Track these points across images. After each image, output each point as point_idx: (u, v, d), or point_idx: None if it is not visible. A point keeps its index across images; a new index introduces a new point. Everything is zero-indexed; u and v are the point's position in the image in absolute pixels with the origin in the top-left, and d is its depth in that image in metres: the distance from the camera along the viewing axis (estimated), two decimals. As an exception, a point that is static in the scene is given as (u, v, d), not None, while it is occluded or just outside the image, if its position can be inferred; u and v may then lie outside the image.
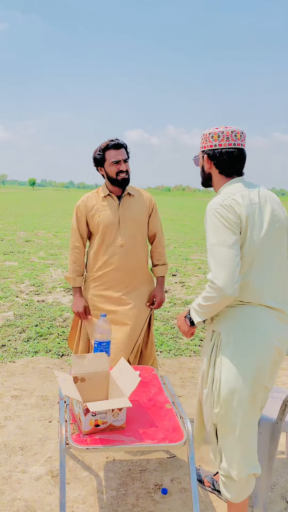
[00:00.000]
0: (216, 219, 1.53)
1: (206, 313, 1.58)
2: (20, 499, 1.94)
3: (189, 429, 1.63)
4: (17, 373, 3.24)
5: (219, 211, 1.53)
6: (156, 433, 1.61)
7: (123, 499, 1.97)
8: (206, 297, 1.53)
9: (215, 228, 1.52)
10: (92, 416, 1.56)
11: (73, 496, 1.98)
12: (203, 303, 1.55)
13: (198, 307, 1.59)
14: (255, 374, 1.57)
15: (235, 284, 1.47)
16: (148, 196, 2.49)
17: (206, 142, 1.64)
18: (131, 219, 2.38)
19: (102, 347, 1.99)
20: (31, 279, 6.37)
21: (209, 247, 1.53)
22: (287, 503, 2.01)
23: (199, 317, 1.60)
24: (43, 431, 2.48)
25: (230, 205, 1.53)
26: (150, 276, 2.54)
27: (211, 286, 1.50)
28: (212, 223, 1.54)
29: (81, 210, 2.41)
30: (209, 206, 1.57)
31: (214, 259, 1.50)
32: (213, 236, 1.52)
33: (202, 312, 1.59)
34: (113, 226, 2.35)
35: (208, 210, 1.57)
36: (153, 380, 2.05)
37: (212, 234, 1.53)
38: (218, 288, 1.47)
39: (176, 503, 1.97)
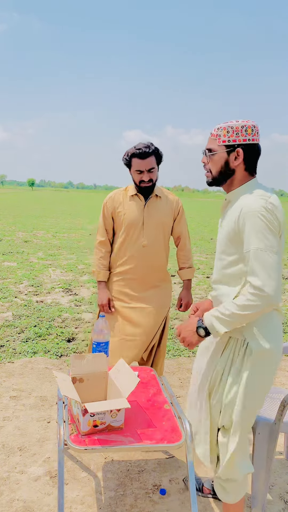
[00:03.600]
0: (262, 222, 1.42)
1: (238, 323, 1.47)
2: (19, 499, 1.94)
3: (188, 430, 1.63)
4: (15, 374, 3.24)
5: (264, 215, 1.42)
6: (154, 434, 1.61)
7: (121, 500, 1.97)
8: (246, 306, 1.41)
9: (261, 232, 1.42)
10: (91, 416, 1.56)
11: (72, 497, 1.98)
12: (240, 312, 1.42)
13: (229, 317, 1.45)
14: (272, 379, 1.59)
15: (280, 292, 1.44)
16: (175, 199, 2.51)
17: (238, 135, 1.49)
18: (155, 221, 2.41)
19: (101, 347, 1.99)
20: (30, 279, 6.37)
21: (254, 251, 1.41)
22: (285, 504, 2.01)
23: (226, 327, 1.47)
24: (41, 432, 2.48)
25: (272, 209, 1.45)
26: (168, 276, 2.60)
27: (257, 294, 1.39)
28: (256, 226, 1.42)
29: (108, 206, 2.45)
30: (249, 208, 1.44)
31: (262, 265, 1.40)
32: (259, 240, 1.41)
33: (232, 322, 1.46)
34: (136, 226, 2.39)
35: (249, 212, 1.44)
36: (152, 381, 2.05)
37: (257, 238, 1.42)
38: (268, 296, 1.38)
39: (174, 503, 1.97)
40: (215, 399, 1.64)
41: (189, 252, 2.61)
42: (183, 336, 1.65)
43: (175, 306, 2.27)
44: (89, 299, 5.45)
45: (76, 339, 4.06)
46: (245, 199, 1.49)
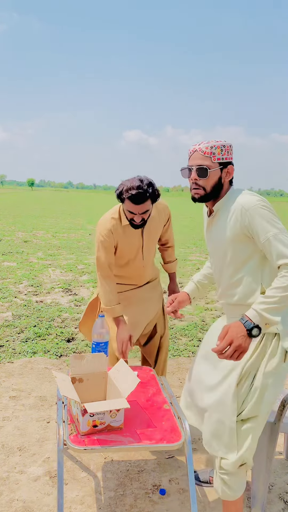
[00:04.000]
0: (268, 211, 1.53)
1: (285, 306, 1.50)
2: (18, 499, 1.94)
3: (187, 430, 1.63)
4: (15, 374, 3.24)
5: (266, 205, 1.54)
6: (154, 434, 1.61)
7: (121, 500, 1.97)
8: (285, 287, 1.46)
9: (272, 219, 1.52)
10: (90, 416, 1.56)
11: (71, 497, 1.98)
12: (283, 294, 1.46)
13: (277, 302, 1.47)
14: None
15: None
16: (163, 206, 2.37)
17: (228, 153, 1.62)
18: (152, 240, 2.38)
19: (100, 347, 1.99)
20: (29, 279, 6.37)
21: (274, 236, 1.50)
22: (285, 504, 2.01)
23: (278, 315, 1.49)
24: (41, 432, 2.48)
25: (264, 200, 1.56)
26: (157, 270, 2.65)
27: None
28: (265, 216, 1.52)
29: (109, 242, 2.24)
30: (250, 203, 1.54)
31: (285, 245, 1.50)
32: (273, 226, 1.52)
33: (281, 307, 1.49)
34: (137, 253, 2.34)
35: (252, 207, 1.53)
36: (151, 381, 2.05)
37: (271, 225, 1.51)
38: None
39: (174, 503, 1.97)
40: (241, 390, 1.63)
41: (173, 248, 2.66)
42: (237, 345, 1.49)
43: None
44: (88, 299, 5.45)
45: (76, 339, 4.06)
46: (239, 200, 1.57)
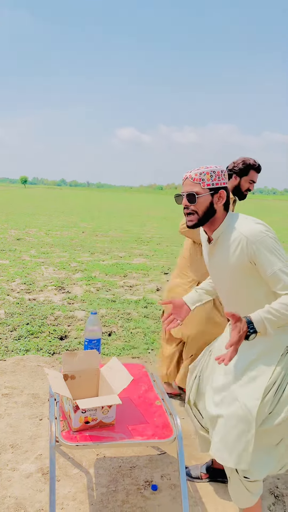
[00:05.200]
0: (272, 241, 1.56)
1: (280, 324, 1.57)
2: (10, 496, 1.94)
3: (179, 426, 1.64)
4: (7, 371, 3.23)
5: (269, 234, 1.57)
6: (145, 430, 1.62)
7: (113, 496, 1.99)
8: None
9: (276, 250, 1.55)
10: (82, 413, 1.57)
11: (63, 493, 1.98)
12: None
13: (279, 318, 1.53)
14: None
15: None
16: None
17: (219, 179, 1.63)
18: None
19: (92, 344, 2.00)
20: (22, 277, 6.35)
21: (280, 270, 1.54)
22: (275, 498, 2.04)
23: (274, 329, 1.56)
24: (33, 429, 2.48)
25: (268, 227, 1.60)
26: None
27: None
28: (270, 247, 1.55)
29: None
30: (255, 233, 1.56)
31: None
32: (278, 259, 1.55)
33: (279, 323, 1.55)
34: None
35: (256, 237, 1.55)
36: (143, 378, 2.06)
37: (276, 258, 1.55)
38: None
39: (166, 499, 1.99)
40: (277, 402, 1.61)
41: None
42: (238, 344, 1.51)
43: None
44: (81, 297, 5.45)
45: (69, 336, 4.06)
46: (243, 230, 1.58)
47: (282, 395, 1.60)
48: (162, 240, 11.74)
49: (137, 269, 7.42)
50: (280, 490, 2.10)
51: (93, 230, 13.50)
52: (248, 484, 1.64)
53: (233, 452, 1.58)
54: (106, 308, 5.06)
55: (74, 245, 9.86)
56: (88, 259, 8.16)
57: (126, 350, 3.80)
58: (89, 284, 6.20)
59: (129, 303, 5.30)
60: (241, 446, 1.57)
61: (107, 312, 4.88)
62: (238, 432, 1.58)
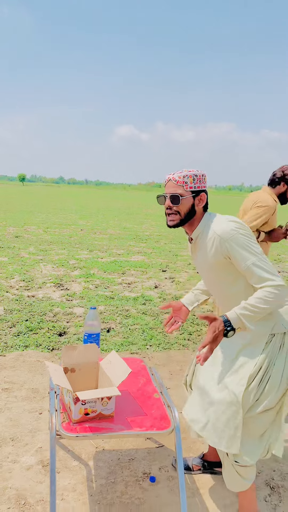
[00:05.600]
0: (244, 237, 1.63)
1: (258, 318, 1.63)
2: (11, 487, 1.98)
3: (177, 418, 1.68)
4: (7, 367, 3.26)
5: (241, 232, 1.63)
6: (144, 421, 1.66)
7: (112, 487, 2.02)
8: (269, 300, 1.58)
9: (248, 246, 1.62)
10: (82, 404, 1.60)
11: (63, 485, 2.02)
12: (266, 306, 1.58)
13: (256, 313, 1.59)
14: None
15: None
16: None
17: (201, 182, 1.73)
18: None
19: (92, 339, 2.03)
20: (21, 274, 6.37)
21: (253, 264, 1.61)
22: (271, 490, 2.08)
23: (253, 324, 1.62)
24: (33, 423, 2.51)
25: (241, 223, 1.67)
26: None
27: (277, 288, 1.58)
28: (242, 243, 1.62)
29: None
30: (226, 231, 1.63)
31: (265, 270, 1.61)
32: (250, 253, 1.62)
33: (257, 317, 1.61)
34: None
35: (228, 235, 1.62)
36: (142, 371, 2.09)
37: (249, 252, 1.62)
38: (284, 286, 1.59)
39: (163, 490, 2.03)
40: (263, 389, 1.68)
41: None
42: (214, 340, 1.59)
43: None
44: (80, 294, 5.48)
45: (68, 333, 4.09)
46: (215, 229, 1.67)
47: (267, 383, 1.67)
48: (160, 238, 11.77)
49: (135, 267, 7.45)
50: (276, 482, 2.14)
51: (92, 227, 13.51)
52: (240, 468, 1.71)
53: (223, 436, 1.67)
54: (105, 305, 5.09)
55: (73, 243, 9.88)
56: (87, 257, 8.19)
57: (125, 346, 3.83)
58: (87, 281, 6.23)
59: (127, 300, 5.33)
60: (230, 431, 1.66)
61: (106, 309, 4.92)
62: (227, 417, 1.66)
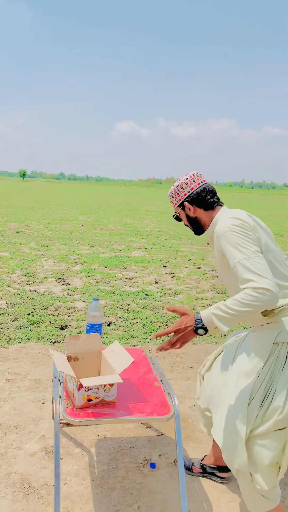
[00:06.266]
0: (236, 235, 1.55)
1: (239, 320, 1.48)
2: (16, 472, 2.05)
3: (176, 405, 1.74)
4: (10, 358, 3.33)
5: (235, 229, 1.56)
6: (145, 408, 1.71)
7: (113, 473, 2.09)
8: (248, 304, 1.43)
9: (238, 244, 1.53)
10: (85, 391, 1.66)
11: (66, 470, 2.09)
12: (244, 309, 1.43)
13: (232, 315, 1.45)
14: None
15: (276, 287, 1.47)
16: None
17: (179, 195, 1.77)
18: None
19: (94, 329, 2.09)
20: (22, 269, 6.43)
21: (239, 263, 1.49)
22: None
23: (227, 325, 1.48)
24: (36, 412, 2.58)
25: (239, 220, 1.59)
26: None
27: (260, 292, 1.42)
28: (232, 241, 1.54)
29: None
30: (221, 229, 1.59)
31: (250, 271, 1.46)
32: (239, 252, 1.51)
33: (234, 320, 1.47)
34: None
35: (221, 233, 1.58)
36: (143, 361, 2.15)
37: (237, 251, 1.52)
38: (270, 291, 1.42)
39: (164, 476, 2.09)
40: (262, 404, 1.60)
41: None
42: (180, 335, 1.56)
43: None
44: (81, 289, 5.54)
45: (69, 326, 4.16)
46: (216, 228, 1.67)
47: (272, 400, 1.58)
48: (161, 233, 11.82)
49: (136, 262, 7.51)
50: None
51: (92, 223, 13.56)
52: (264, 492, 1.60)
53: (233, 454, 1.63)
54: (106, 299, 5.15)
55: (74, 238, 9.94)
56: (88, 252, 8.25)
57: (126, 339, 3.90)
58: (88, 276, 6.29)
59: (128, 295, 5.39)
60: (237, 448, 1.61)
61: (107, 303, 4.98)
62: (232, 434, 1.63)
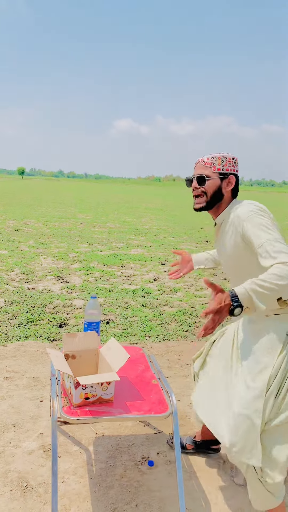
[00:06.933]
0: (262, 219, 1.56)
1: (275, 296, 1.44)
2: (14, 471, 2.04)
3: (174, 402, 1.73)
4: (8, 356, 3.32)
5: (260, 213, 1.58)
6: (142, 406, 1.71)
7: (111, 471, 2.09)
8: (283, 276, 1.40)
9: (265, 226, 1.54)
10: (83, 389, 1.65)
11: (64, 468, 2.08)
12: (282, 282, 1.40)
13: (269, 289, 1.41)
14: None
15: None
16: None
17: (230, 165, 1.71)
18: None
19: (92, 327, 2.08)
20: (21, 267, 6.42)
21: (268, 242, 1.50)
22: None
23: (264, 303, 1.44)
24: (34, 410, 2.57)
25: (261, 207, 1.63)
26: None
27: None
28: (259, 224, 1.55)
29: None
30: (245, 213, 1.60)
31: (279, 249, 1.48)
32: (266, 233, 1.53)
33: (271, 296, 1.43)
34: None
35: (246, 216, 1.59)
36: (141, 359, 2.15)
37: (264, 232, 1.53)
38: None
39: (161, 474, 2.09)
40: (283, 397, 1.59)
41: None
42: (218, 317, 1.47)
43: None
44: (80, 287, 5.53)
45: (68, 324, 4.15)
46: (236, 211, 1.65)
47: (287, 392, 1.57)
48: (160, 231, 11.80)
49: (135, 260, 7.50)
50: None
51: (91, 221, 13.54)
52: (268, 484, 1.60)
53: (245, 447, 1.59)
54: (104, 297, 5.15)
55: (72, 236, 9.92)
56: (86, 250, 8.23)
57: (124, 337, 3.89)
58: (87, 274, 6.28)
59: (126, 293, 5.38)
60: (250, 442, 1.58)
61: (105, 301, 4.97)
62: (246, 428, 1.59)
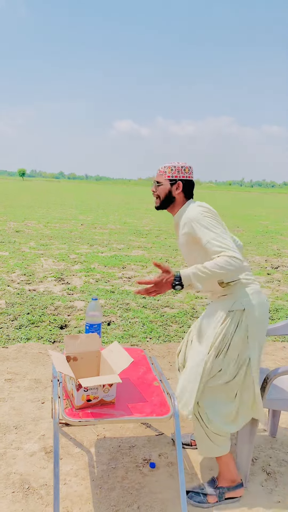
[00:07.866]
0: (206, 218, 1.84)
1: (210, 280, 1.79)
2: (15, 473, 2.04)
3: (176, 404, 1.73)
4: (10, 358, 3.32)
5: (204, 214, 1.85)
6: (144, 408, 1.71)
7: (113, 472, 2.09)
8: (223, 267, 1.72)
9: (209, 225, 1.82)
10: (84, 391, 1.66)
11: (66, 470, 2.08)
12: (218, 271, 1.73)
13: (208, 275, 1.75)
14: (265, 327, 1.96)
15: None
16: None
17: (179, 172, 1.98)
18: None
19: (93, 329, 2.08)
20: (22, 268, 6.42)
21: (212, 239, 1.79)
22: (267, 475, 2.14)
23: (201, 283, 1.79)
24: (36, 412, 2.57)
25: (206, 207, 1.91)
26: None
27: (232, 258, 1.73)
28: (204, 223, 1.83)
29: None
30: (192, 214, 1.88)
31: (222, 244, 1.77)
32: (210, 231, 1.81)
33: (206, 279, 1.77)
34: None
35: (193, 217, 1.86)
36: (142, 361, 2.15)
37: (209, 230, 1.81)
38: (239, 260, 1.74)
39: (163, 475, 2.09)
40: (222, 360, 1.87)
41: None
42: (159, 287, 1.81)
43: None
44: (81, 288, 5.53)
45: (69, 325, 4.15)
46: (187, 213, 1.94)
47: (226, 356, 1.87)
48: (161, 232, 11.81)
49: (136, 261, 7.51)
50: (272, 468, 2.20)
51: (92, 222, 13.55)
52: (210, 433, 1.89)
53: (182, 397, 1.91)
54: (105, 298, 5.15)
55: (73, 237, 9.93)
56: (87, 251, 8.24)
57: (125, 338, 3.89)
58: (88, 275, 6.28)
59: (127, 294, 5.38)
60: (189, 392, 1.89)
61: (106, 303, 4.97)
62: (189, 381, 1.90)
